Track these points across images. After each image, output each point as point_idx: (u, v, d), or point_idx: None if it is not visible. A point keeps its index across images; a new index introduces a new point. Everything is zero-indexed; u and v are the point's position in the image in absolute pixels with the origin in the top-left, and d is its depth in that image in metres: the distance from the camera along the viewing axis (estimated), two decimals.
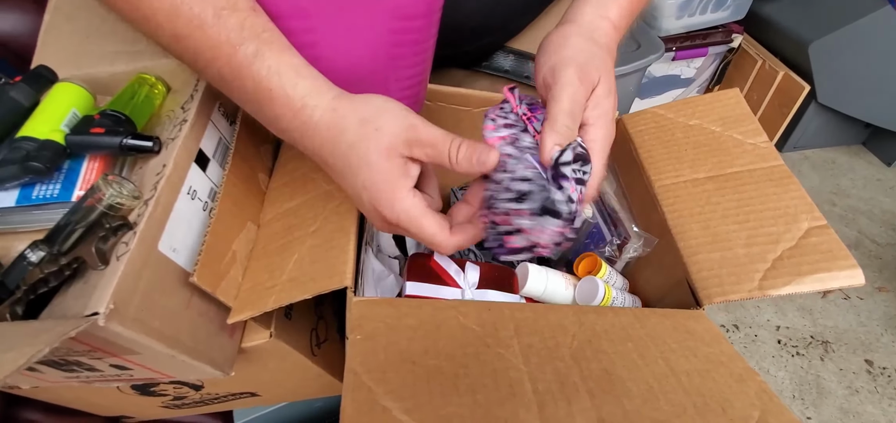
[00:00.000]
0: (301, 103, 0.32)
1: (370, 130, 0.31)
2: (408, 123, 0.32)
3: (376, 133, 0.31)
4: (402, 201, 0.32)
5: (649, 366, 0.31)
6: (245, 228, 0.42)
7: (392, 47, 0.37)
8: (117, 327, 0.29)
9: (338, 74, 0.34)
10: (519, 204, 0.32)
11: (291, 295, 0.35)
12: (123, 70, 0.44)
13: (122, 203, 0.33)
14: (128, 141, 0.36)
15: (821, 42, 1.22)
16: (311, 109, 0.32)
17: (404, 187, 0.32)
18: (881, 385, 1.14)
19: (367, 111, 0.32)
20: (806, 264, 0.36)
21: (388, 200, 0.32)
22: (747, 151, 0.43)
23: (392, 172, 0.31)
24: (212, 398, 0.53)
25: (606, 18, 0.38)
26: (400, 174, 0.32)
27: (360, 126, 0.31)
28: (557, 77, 0.33)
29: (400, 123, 0.31)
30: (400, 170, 0.32)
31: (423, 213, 0.32)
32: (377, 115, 0.32)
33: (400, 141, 0.31)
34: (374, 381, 0.27)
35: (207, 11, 0.29)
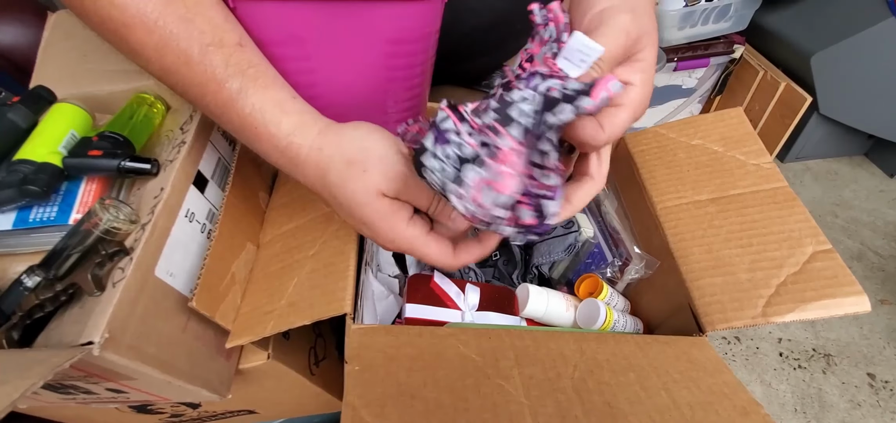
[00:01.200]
0: (286, 142, 0.31)
1: (357, 173, 0.30)
2: (395, 172, 0.31)
3: (364, 175, 0.30)
4: (402, 233, 0.31)
5: (651, 398, 0.30)
6: (244, 249, 0.42)
7: (389, 70, 0.37)
8: (112, 356, 0.29)
9: (334, 99, 0.34)
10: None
11: (290, 321, 0.35)
12: (123, 89, 0.44)
13: (119, 228, 0.33)
14: (126, 164, 0.36)
15: (823, 54, 1.22)
16: (296, 146, 0.31)
17: (402, 220, 0.31)
18: (883, 399, 1.13)
19: (353, 151, 0.31)
20: (810, 289, 0.36)
21: (387, 235, 0.31)
22: (750, 173, 0.42)
23: (386, 209, 0.31)
24: (209, 417, 0.52)
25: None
26: (390, 212, 0.31)
27: (347, 168, 0.31)
28: (605, 20, 0.29)
29: (388, 169, 0.31)
30: (390, 208, 0.31)
31: (425, 241, 0.32)
32: (364, 157, 0.31)
33: (387, 187, 0.31)
34: (372, 415, 0.27)
35: (193, 48, 0.29)
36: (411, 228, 0.32)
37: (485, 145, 0.26)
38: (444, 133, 0.27)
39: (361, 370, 0.30)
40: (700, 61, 1.38)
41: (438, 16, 0.38)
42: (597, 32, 0.29)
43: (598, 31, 0.29)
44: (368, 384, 0.29)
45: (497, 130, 0.27)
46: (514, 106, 0.27)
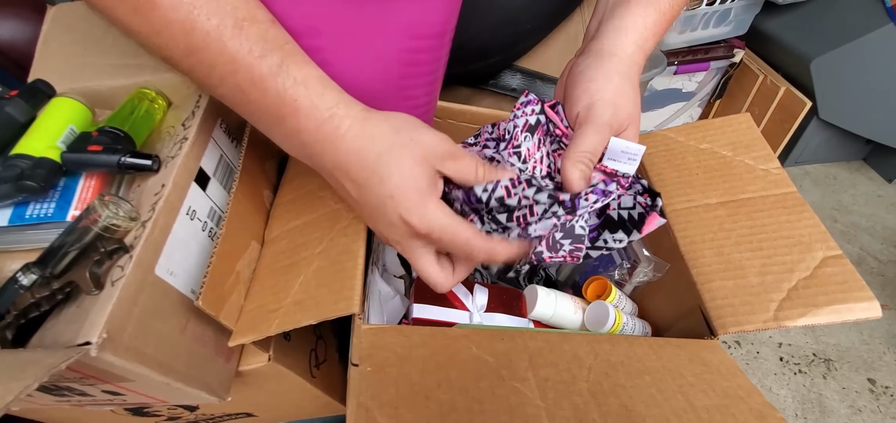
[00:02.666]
0: (329, 113, 0.30)
1: (405, 139, 0.31)
2: (441, 137, 0.32)
3: (411, 142, 0.31)
4: (434, 210, 0.31)
5: (668, 401, 0.30)
6: (249, 247, 0.41)
7: (404, 66, 0.36)
8: (110, 357, 0.28)
9: (349, 94, 0.33)
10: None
11: (296, 320, 0.34)
12: (124, 84, 0.43)
13: (119, 225, 0.32)
14: (126, 159, 0.35)
15: (822, 59, 1.22)
16: (339, 118, 0.31)
17: (435, 197, 0.32)
18: (884, 405, 1.13)
19: (400, 123, 0.32)
20: (822, 295, 0.35)
21: (419, 208, 0.31)
22: (759, 178, 0.42)
23: (424, 180, 0.31)
24: (207, 419, 0.51)
25: (643, 51, 0.37)
26: (431, 184, 0.31)
27: (395, 134, 0.31)
28: (592, 117, 0.34)
29: (434, 136, 0.32)
30: (431, 180, 0.31)
31: (455, 219, 0.32)
32: (411, 127, 0.32)
33: (436, 153, 0.32)
34: (386, 417, 0.26)
35: (227, 23, 0.28)
36: (443, 206, 0.32)
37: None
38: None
39: (373, 371, 0.29)
40: (700, 65, 1.38)
41: (456, 12, 0.37)
42: (585, 127, 0.34)
43: (585, 127, 0.34)
44: (381, 385, 0.28)
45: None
46: (577, 225, 0.34)
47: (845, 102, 1.28)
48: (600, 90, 0.34)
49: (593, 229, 0.36)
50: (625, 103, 0.35)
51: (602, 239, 0.35)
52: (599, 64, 0.35)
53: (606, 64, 0.35)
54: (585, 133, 0.33)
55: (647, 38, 0.37)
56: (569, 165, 0.33)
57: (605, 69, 0.35)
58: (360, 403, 0.27)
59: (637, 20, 0.36)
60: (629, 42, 0.36)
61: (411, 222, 0.31)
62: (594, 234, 0.36)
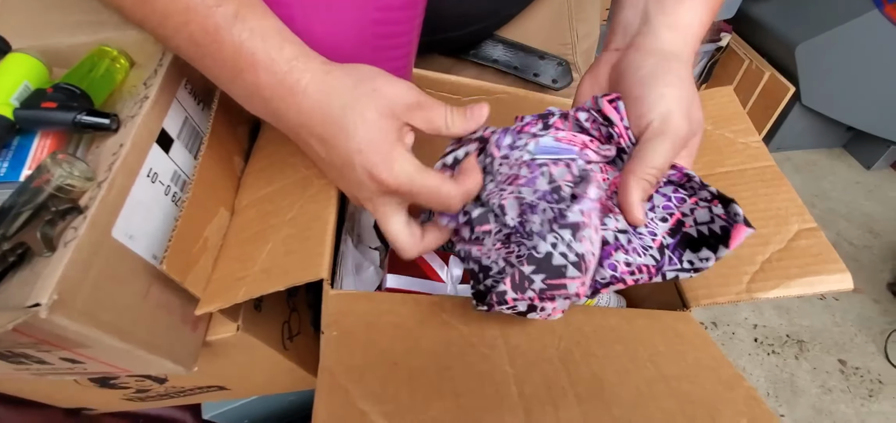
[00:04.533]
0: (288, 67, 0.29)
1: (367, 90, 0.29)
2: (406, 87, 0.30)
3: (374, 93, 0.29)
4: (402, 162, 0.30)
5: (639, 370, 0.29)
6: (217, 214, 0.39)
7: (378, 26, 0.35)
8: (62, 320, 0.27)
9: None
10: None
11: (263, 287, 0.33)
12: (85, 41, 0.41)
13: (73, 185, 0.31)
14: (82, 117, 0.33)
15: (807, 44, 1.23)
16: (299, 72, 0.29)
17: (403, 148, 0.30)
18: (853, 385, 1.17)
19: (362, 74, 0.30)
20: (795, 267, 0.35)
21: (386, 161, 0.29)
22: (739, 151, 0.42)
23: (391, 132, 0.30)
24: (177, 392, 0.50)
25: (696, 53, 0.34)
26: (398, 136, 0.30)
27: (356, 87, 0.29)
28: (669, 129, 0.29)
29: (398, 86, 0.30)
30: (398, 132, 0.30)
31: (424, 170, 0.30)
32: (373, 77, 0.30)
33: (400, 103, 0.30)
34: (351, 382, 0.26)
35: None
36: (412, 158, 0.30)
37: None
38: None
39: (340, 336, 0.28)
40: None
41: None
42: (657, 140, 0.29)
43: (658, 140, 0.29)
44: (347, 351, 0.28)
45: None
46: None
47: (828, 88, 1.29)
48: (678, 99, 0.30)
49: (673, 248, 0.31)
50: (696, 114, 0.31)
51: (686, 260, 0.30)
52: (667, 67, 0.31)
53: (674, 67, 0.31)
54: (657, 147, 0.29)
55: (700, 37, 0.34)
56: (633, 181, 0.28)
57: (676, 74, 0.30)
58: (324, 367, 0.26)
59: (693, 17, 0.33)
60: (686, 43, 0.33)
61: (380, 177, 0.30)
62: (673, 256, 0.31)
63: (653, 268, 0.30)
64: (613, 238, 0.30)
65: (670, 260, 0.30)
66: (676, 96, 0.30)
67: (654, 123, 0.29)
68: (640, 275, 0.30)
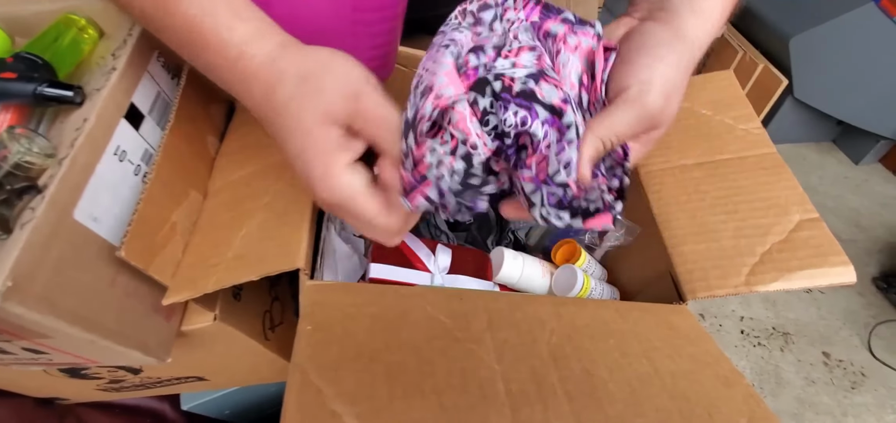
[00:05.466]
0: (238, 51, 0.27)
1: (310, 89, 0.26)
2: (353, 90, 0.26)
3: (316, 94, 0.26)
4: (338, 177, 0.26)
5: (632, 366, 0.28)
6: (188, 197, 0.37)
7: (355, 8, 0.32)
8: (17, 308, 0.25)
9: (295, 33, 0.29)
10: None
11: (236, 275, 0.31)
12: (49, 9, 0.38)
13: (33, 162, 0.28)
14: (43, 89, 0.31)
15: (802, 36, 1.22)
16: (249, 57, 0.27)
17: (340, 162, 0.27)
18: (837, 377, 1.18)
19: (310, 66, 0.27)
20: (796, 259, 0.34)
21: (322, 175, 0.26)
22: (739, 138, 0.40)
23: (328, 142, 0.26)
24: (153, 382, 0.48)
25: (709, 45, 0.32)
26: (336, 146, 0.26)
27: (299, 84, 0.26)
28: (642, 101, 0.28)
29: (345, 87, 0.26)
30: (336, 142, 0.26)
31: (362, 190, 0.27)
32: (321, 73, 0.26)
33: (340, 109, 0.26)
34: (324, 380, 0.24)
35: None
36: (350, 173, 0.27)
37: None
38: None
39: (314, 330, 0.26)
40: None
41: None
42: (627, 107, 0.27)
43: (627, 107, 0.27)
44: (322, 345, 0.26)
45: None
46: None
47: (821, 82, 1.29)
48: (664, 75, 0.28)
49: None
50: (674, 104, 0.29)
51: (555, 214, 0.29)
52: (673, 44, 0.29)
53: (679, 48, 0.29)
54: (624, 114, 0.27)
55: (719, 27, 0.32)
56: (590, 138, 0.26)
57: (677, 54, 0.29)
58: (295, 364, 0.24)
59: (716, 5, 0.31)
60: (704, 30, 0.31)
61: (317, 193, 0.27)
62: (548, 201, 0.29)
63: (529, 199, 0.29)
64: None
65: (542, 203, 0.29)
66: (664, 74, 0.28)
67: (631, 90, 0.28)
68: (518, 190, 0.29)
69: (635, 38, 0.30)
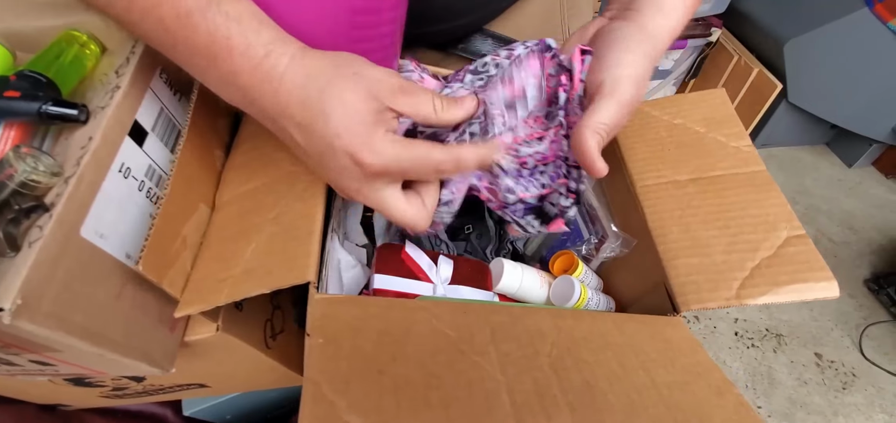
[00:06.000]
0: (265, 51, 0.27)
1: (347, 73, 0.28)
2: (389, 72, 0.30)
3: (355, 76, 0.28)
4: (383, 141, 0.29)
5: (629, 377, 0.29)
6: (197, 210, 0.38)
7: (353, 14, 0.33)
8: (27, 325, 0.25)
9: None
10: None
11: (246, 289, 0.32)
12: (51, 24, 0.38)
13: (39, 181, 0.29)
14: (48, 108, 0.31)
15: (796, 41, 1.24)
16: (276, 56, 0.28)
17: (384, 129, 0.29)
18: (828, 378, 1.20)
19: (342, 60, 0.29)
20: (783, 274, 0.35)
21: (367, 143, 0.28)
22: (730, 155, 0.41)
23: (371, 113, 0.28)
24: (156, 389, 0.49)
25: (668, 46, 0.35)
26: (378, 117, 0.29)
27: (335, 70, 0.28)
28: (618, 91, 0.31)
29: (381, 71, 0.29)
30: (378, 114, 0.29)
31: (406, 143, 0.30)
32: (352, 62, 0.29)
33: (382, 87, 0.29)
34: (336, 393, 0.25)
35: None
36: (394, 139, 0.29)
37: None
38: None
39: (325, 344, 0.27)
40: (678, 43, 1.38)
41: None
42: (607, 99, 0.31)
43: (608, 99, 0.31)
44: (332, 359, 0.26)
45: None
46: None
47: (815, 86, 1.30)
48: (632, 65, 0.32)
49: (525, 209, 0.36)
50: (643, 90, 0.32)
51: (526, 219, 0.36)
52: (640, 38, 0.33)
53: (644, 43, 0.33)
54: (608, 105, 0.31)
55: (680, 24, 0.35)
56: (588, 132, 0.30)
57: (643, 48, 0.33)
58: (308, 377, 0.25)
59: (679, 4, 0.35)
60: (667, 29, 0.34)
61: (363, 159, 0.28)
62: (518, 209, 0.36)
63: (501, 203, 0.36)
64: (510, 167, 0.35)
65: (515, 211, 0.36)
66: (632, 64, 0.32)
67: (605, 83, 0.31)
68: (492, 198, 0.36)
69: (605, 36, 0.34)
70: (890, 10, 1.12)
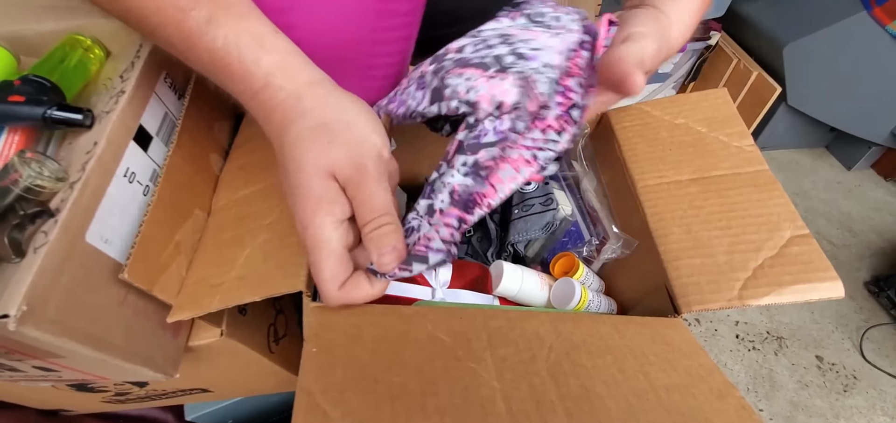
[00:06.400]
0: (263, 82, 0.28)
1: (322, 139, 0.27)
2: (361, 162, 0.27)
3: (326, 146, 0.27)
4: (320, 228, 0.27)
5: (628, 381, 0.29)
6: (192, 216, 0.38)
7: (376, 18, 0.33)
8: (32, 331, 0.25)
9: (316, 51, 0.30)
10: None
11: (239, 296, 0.32)
12: (54, 28, 0.39)
13: (43, 186, 0.29)
14: (52, 113, 0.31)
15: (795, 44, 1.24)
16: (275, 89, 0.28)
17: (331, 214, 0.28)
18: (830, 380, 1.19)
19: (332, 115, 0.28)
20: (787, 274, 0.35)
21: (307, 220, 0.28)
22: (732, 154, 0.41)
23: (321, 191, 0.27)
24: (158, 394, 0.49)
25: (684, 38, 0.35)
26: (327, 199, 0.28)
27: (315, 129, 0.27)
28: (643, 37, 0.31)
29: (355, 153, 0.27)
30: (329, 195, 0.28)
31: (329, 252, 0.28)
32: (339, 128, 0.27)
33: (343, 171, 0.27)
34: (330, 403, 0.24)
35: None
36: (333, 229, 0.28)
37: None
38: None
39: (319, 352, 0.27)
40: None
41: None
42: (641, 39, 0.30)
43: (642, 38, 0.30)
44: (327, 367, 0.26)
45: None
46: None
47: (813, 89, 1.31)
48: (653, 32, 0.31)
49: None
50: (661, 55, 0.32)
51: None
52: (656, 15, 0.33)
53: (661, 20, 0.33)
54: (642, 40, 0.30)
55: (695, 22, 0.35)
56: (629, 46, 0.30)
57: (659, 23, 0.32)
58: (302, 387, 0.25)
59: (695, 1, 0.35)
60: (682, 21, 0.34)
61: (299, 231, 0.28)
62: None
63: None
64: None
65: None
66: (653, 33, 0.31)
67: (632, 35, 0.31)
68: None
69: (624, 15, 0.34)
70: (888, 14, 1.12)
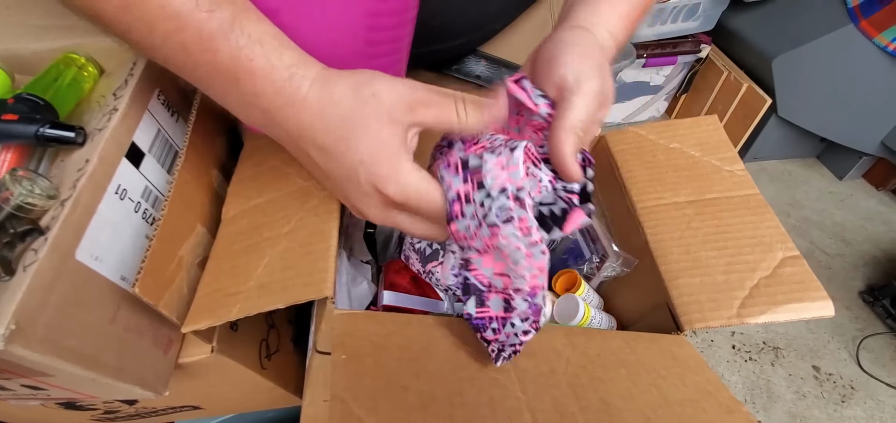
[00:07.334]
0: (288, 74, 0.27)
1: (367, 96, 0.28)
2: (407, 86, 0.28)
3: (374, 98, 0.28)
4: (409, 173, 0.28)
5: (643, 395, 0.29)
6: (194, 231, 0.37)
7: (370, 32, 0.33)
8: (21, 350, 0.25)
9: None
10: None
11: (261, 304, 0.31)
12: (50, 47, 0.39)
13: (34, 204, 0.28)
14: (45, 131, 0.31)
15: (784, 57, 1.26)
16: (299, 79, 0.28)
17: (408, 158, 0.28)
18: (827, 391, 1.19)
19: (361, 79, 0.28)
20: (781, 293, 0.36)
21: (391, 173, 0.28)
22: (725, 178, 0.42)
23: (394, 140, 0.28)
24: (148, 412, 0.48)
25: (614, 38, 0.35)
26: (401, 143, 0.28)
27: (355, 93, 0.28)
28: (581, 86, 0.30)
29: (398, 86, 0.28)
30: (401, 139, 0.28)
31: (431, 182, 0.29)
32: (371, 80, 0.28)
33: (402, 105, 0.28)
34: (364, 410, 0.24)
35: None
36: (418, 169, 0.29)
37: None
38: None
39: (348, 360, 0.27)
40: (668, 59, 1.40)
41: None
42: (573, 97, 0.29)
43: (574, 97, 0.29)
44: (357, 375, 0.26)
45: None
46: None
47: (803, 100, 1.32)
48: (586, 57, 0.31)
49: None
50: (608, 79, 0.31)
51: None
52: (582, 36, 0.32)
53: (587, 38, 0.32)
54: (576, 102, 0.29)
55: (617, 26, 0.35)
56: (563, 134, 0.29)
57: (587, 43, 0.32)
58: (334, 395, 0.25)
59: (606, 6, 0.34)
60: (601, 25, 0.34)
61: (387, 191, 0.28)
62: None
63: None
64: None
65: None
66: (585, 55, 0.31)
67: (568, 80, 0.30)
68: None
69: (548, 43, 0.33)
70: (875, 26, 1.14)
